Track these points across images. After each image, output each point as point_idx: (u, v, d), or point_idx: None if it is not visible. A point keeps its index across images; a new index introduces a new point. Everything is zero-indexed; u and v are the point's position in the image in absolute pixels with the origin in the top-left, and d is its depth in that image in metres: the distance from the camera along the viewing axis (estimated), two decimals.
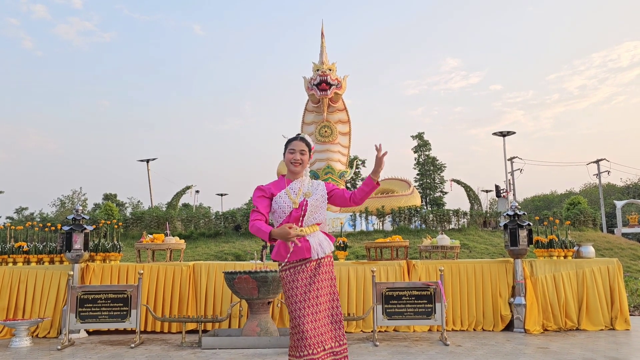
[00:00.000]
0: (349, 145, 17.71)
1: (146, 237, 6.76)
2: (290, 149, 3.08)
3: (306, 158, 3.08)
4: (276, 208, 3.00)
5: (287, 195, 3.01)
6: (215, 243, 14.48)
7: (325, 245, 3.01)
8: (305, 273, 2.91)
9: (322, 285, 2.95)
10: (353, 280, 6.24)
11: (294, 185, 3.07)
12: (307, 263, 2.93)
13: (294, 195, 3.03)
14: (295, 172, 3.08)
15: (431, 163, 42.21)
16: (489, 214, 17.56)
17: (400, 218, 16.10)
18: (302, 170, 3.10)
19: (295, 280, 2.91)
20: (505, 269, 6.31)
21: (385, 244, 6.81)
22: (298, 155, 3.05)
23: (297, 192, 3.04)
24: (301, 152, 3.07)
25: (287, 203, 2.98)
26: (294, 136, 3.14)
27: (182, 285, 6.27)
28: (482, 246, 13.58)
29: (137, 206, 46.81)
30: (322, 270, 2.97)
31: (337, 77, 16.84)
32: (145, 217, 16.62)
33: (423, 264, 6.33)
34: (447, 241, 6.81)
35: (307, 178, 3.16)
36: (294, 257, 2.92)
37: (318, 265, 2.95)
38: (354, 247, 12.98)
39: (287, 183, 3.09)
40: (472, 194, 22.11)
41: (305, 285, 2.91)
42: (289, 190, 3.04)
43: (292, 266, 2.94)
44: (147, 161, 30.03)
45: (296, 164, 3.05)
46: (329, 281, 2.99)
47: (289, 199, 3.00)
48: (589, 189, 44.51)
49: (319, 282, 2.93)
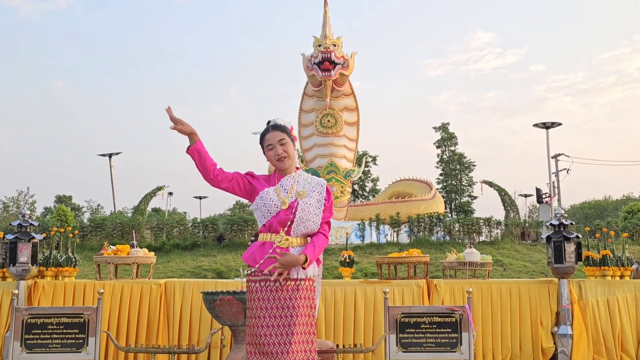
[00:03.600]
0: (357, 138, 17.71)
1: (108, 249, 6.75)
2: (267, 145, 3.09)
3: (289, 147, 3.09)
4: (260, 205, 3.02)
5: (275, 193, 3.03)
6: (192, 257, 14.47)
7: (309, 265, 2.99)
8: (279, 293, 2.92)
9: (299, 312, 2.92)
10: (361, 303, 6.24)
11: (285, 182, 3.09)
12: (284, 281, 2.93)
13: (285, 193, 3.04)
14: (284, 168, 3.11)
15: (457, 161, 42.26)
16: (528, 223, 17.53)
17: (419, 228, 16.09)
18: (292, 162, 3.12)
19: (266, 299, 2.92)
20: (548, 291, 6.30)
21: (401, 260, 6.81)
22: (279, 149, 3.06)
23: (289, 190, 3.05)
24: (280, 142, 3.07)
25: (274, 202, 3.00)
26: (265, 128, 3.15)
27: (152, 308, 6.26)
28: (520, 263, 13.57)
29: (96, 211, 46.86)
30: (301, 295, 2.95)
31: (343, 55, 16.83)
32: (107, 224, 16.62)
33: (447, 284, 6.33)
34: (476, 256, 6.80)
35: (303, 173, 3.16)
36: (268, 266, 2.93)
37: (297, 287, 2.95)
38: (362, 262, 12.98)
39: (277, 179, 3.11)
40: (507, 198, 22.12)
41: (277, 308, 2.91)
42: (280, 188, 3.06)
43: (265, 279, 2.94)
44: (110, 156, 30.04)
45: (282, 159, 3.06)
46: (307, 310, 2.98)
47: (277, 197, 3.01)
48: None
49: (295, 308, 2.91)
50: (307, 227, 3.02)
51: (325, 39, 16.96)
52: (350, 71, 17.12)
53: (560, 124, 25.19)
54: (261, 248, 3.00)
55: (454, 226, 16.15)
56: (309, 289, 3.01)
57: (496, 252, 14.37)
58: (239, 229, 15.49)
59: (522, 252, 14.84)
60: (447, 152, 42.91)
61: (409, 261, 6.77)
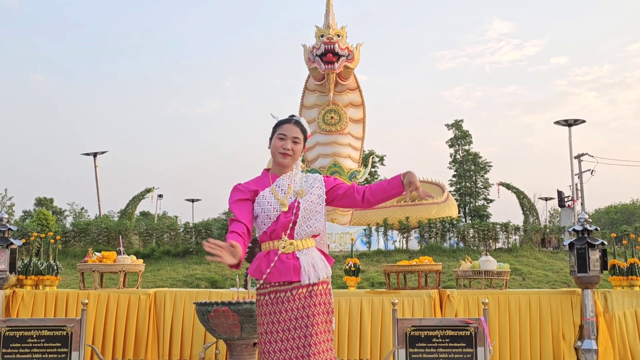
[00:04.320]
0: (363, 136, 17.74)
1: (92, 256, 6.76)
2: (280, 133, 3.09)
3: (299, 148, 3.10)
4: (259, 211, 3.01)
5: (272, 195, 3.02)
6: (183, 264, 14.48)
7: (319, 267, 2.99)
8: (291, 303, 2.90)
9: (315, 321, 2.89)
10: (367, 315, 6.23)
11: (281, 182, 3.08)
12: (295, 289, 2.92)
13: (282, 194, 3.03)
14: (284, 165, 3.10)
15: (472, 161, 42.27)
16: (549, 229, 17.51)
17: (430, 233, 16.08)
18: (293, 163, 3.12)
19: (277, 312, 2.90)
20: (571, 302, 6.30)
21: (411, 268, 6.80)
22: (289, 144, 3.07)
23: (286, 191, 3.05)
24: (294, 139, 3.08)
25: (273, 205, 3.00)
26: (287, 117, 3.16)
27: (140, 320, 6.26)
28: (540, 272, 13.55)
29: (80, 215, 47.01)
30: (316, 301, 2.93)
31: (347, 46, 16.85)
32: (91, 229, 16.64)
33: (461, 294, 6.33)
34: (492, 265, 6.79)
35: (299, 172, 3.16)
36: (276, 277, 2.92)
37: (309, 294, 2.93)
38: (368, 271, 12.97)
39: (272, 179, 3.10)
40: (526, 202, 22.10)
41: (290, 320, 2.89)
42: (275, 188, 3.05)
43: (274, 290, 2.94)
44: (94, 155, 30.09)
45: (285, 155, 3.07)
46: (324, 316, 2.95)
47: (275, 199, 3.01)
48: None
49: (309, 317, 2.88)
50: (311, 225, 3.02)
51: (329, 29, 16.98)
52: (356, 64, 17.13)
53: (584, 122, 25.18)
54: (266, 258, 2.98)
55: (468, 232, 16.13)
56: (325, 293, 2.98)
57: (514, 260, 14.35)
58: None
59: (542, 260, 14.82)
60: (461, 151, 42.91)
61: (420, 270, 6.75)
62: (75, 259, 14.70)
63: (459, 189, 41.95)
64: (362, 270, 8.59)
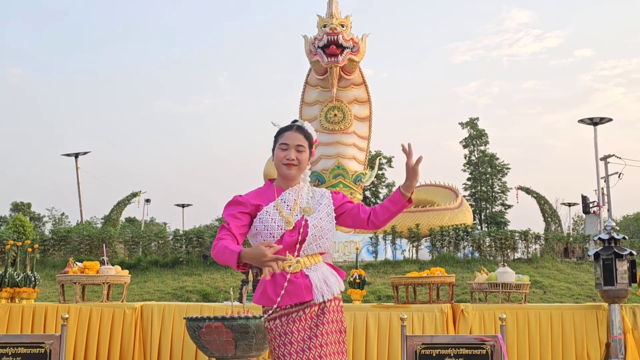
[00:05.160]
0: (369, 136, 17.76)
1: (73, 266, 6.77)
2: (282, 143, 3.09)
3: (305, 157, 3.10)
4: (261, 228, 3.01)
5: (277, 211, 3.03)
6: (173, 275, 14.51)
7: (332, 282, 3.02)
8: (302, 322, 2.94)
9: (328, 340, 2.95)
10: (373, 332, 6.24)
11: (287, 196, 3.09)
12: (306, 308, 2.95)
13: (288, 211, 3.04)
14: (289, 177, 3.11)
15: (488, 163, 42.26)
16: (573, 237, 17.52)
17: (442, 242, 16.10)
18: (299, 174, 3.13)
19: (288, 332, 2.93)
20: (596, 318, 6.29)
21: (421, 280, 6.81)
22: (293, 153, 3.07)
23: (292, 207, 3.06)
24: (298, 148, 3.08)
25: (277, 222, 3.00)
26: (288, 124, 3.16)
27: (125, 336, 6.27)
28: (562, 284, 13.56)
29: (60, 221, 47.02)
30: (328, 319, 2.97)
31: (352, 37, 16.90)
32: (72, 236, 16.68)
33: (476, 309, 6.34)
34: (511, 277, 6.79)
35: (307, 185, 3.17)
36: (288, 300, 2.94)
37: (322, 311, 2.97)
38: (374, 283, 12.98)
39: (277, 192, 3.11)
40: (547, 208, 22.11)
41: (303, 340, 2.92)
42: (281, 203, 3.06)
43: (285, 313, 2.96)
44: (76, 156, 30.19)
45: (290, 166, 3.07)
46: (337, 335, 3.00)
47: (280, 216, 3.01)
48: None
49: (323, 336, 2.93)
50: (320, 245, 3.04)
51: (332, 19, 17.01)
52: (361, 56, 17.17)
53: (611, 120, 25.19)
54: (272, 282, 2.97)
55: (484, 240, 16.15)
56: (337, 310, 3.02)
57: (534, 271, 14.36)
58: None
59: (565, 271, 14.81)
60: (476, 152, 42.89)
61: (431, 282, 6.76)
62: (54, 269, 14.72)
63: (474, 193, 41.90)
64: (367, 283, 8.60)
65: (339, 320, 3.03)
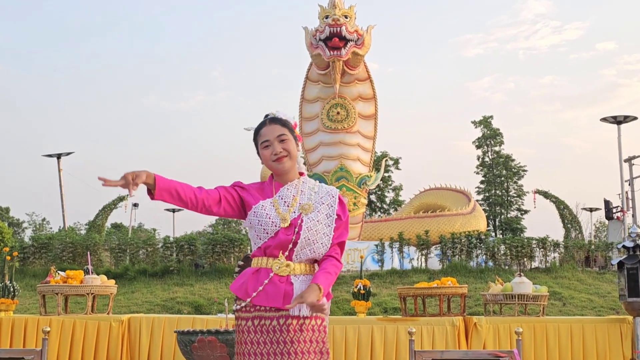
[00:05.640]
0: (375, 136, 17.73)
1: (55, 276, 6.77)
2: (263, 141, 3.11)
3: (292, 145, 3.11)
4: (255, 222, 3.04)
5: (273, 207, 3.03)
6: (162, 286, 14.49)
7: None
8: (277, 335, 2.92)
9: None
10: (379, 347, 6.23)
11: (285, 193, 3.10)
12: (283, 319, 2.93)
13: (285, 207, 3.05)
14: (284, 171, 3.12)
15: (503, 165, 42.35)
16: (595, 245, 17.46)
17: (453, 250, 16.05)
18: (293, 164, 3.13)
19: (261, 342, 2.92)
20: (620, 332, 6.28)
21: (431, 291, 6.81)
22: (278, 146, 3.07)
23: (290, 203, 3.06)
24: (280, 138, 3.09)
25: (272, 218, 3.01)
26: (261, 121, 3.19)
27: (111, 351, 6.27)
28: (583, 296, 13.51)
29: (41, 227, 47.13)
30: (307, 337, 2.95)
31: (356, 29, 16.89)
32: (54, 243, 16.67)
33: (490, 322, 6.34)
34: (527, 287, 6.79)
35: (308, 180, 3.18)
36: (263, 301, 2.94)
37: (300, 328, 2.94)
38: (380, 294, 12.95)
39: (275, 189, 3.12)
40: (567, 213, 22.08)
41: (274, 354, 2.91)
42: (278, 199, 3.07)
43: (259, 316, 2.95)
44: (58, 157, 30.19)
45: (280, 159, 3.07)
46: (317, 356, 2.97)
47: (275, 212, 3.02)
48: None
49: (297, 355, 2.90)
50: (314, 250, 3.02)
51: (334, 9, 17.00)
52: (366, 50, 17.16)
53: (636, 119, 25.13)
54: (255, 276, 2.99)
55: (498, 248, 16.12)
56: (319, 330, 2.99)
57: (553, 282, 14.32)
58: (223, 250, 15.50)
59: (586, 282, 14.77)
60: (490, 153, 42.99)
61: (441, 293, 6.76)
62: (35, 279, 14.71)
63: (487, 197, 41.99)
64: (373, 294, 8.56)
65: (321, 341, 3.00)
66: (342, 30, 16.44)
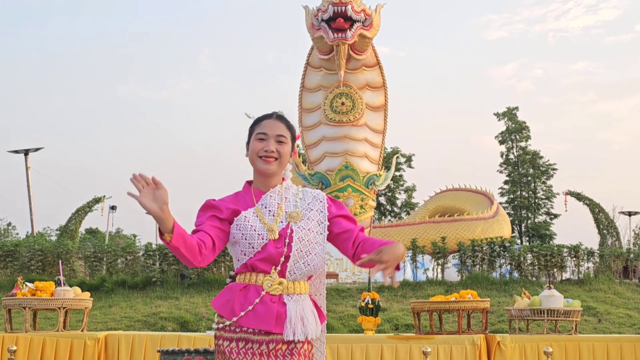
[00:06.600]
0: (385, 129, 17.73)
1: (22, 287, 6.78)
2: (260, 132, 3.12)
3: (286, 150, 3.13)
4: (239, 237, 3.03)
5: (257, 217, 3.04)
6: (144, 299, 14.51)
7: (309, 322, 3.02)
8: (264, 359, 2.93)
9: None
10: None
11: (268, 200, 3.11)
12: (272, 343, 2.95)
13: (270, 217, 3.05)
14: (267, 174, 3.12)
15: (530, 162, 42.35)
16: (634, 253, 17.47)
17: (474, 259, 16.07)
18: (280, 170, 3.15)
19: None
20: None
21: (448, 306, 6.83)
22: (272, 145, 3.09)
23: (276, 212, 3.07)
24: (278, 138, 3.11)
25: (257, 230, 3.02)
26: (266, 114, 3.20)
27: None
28: (621, 311, 13.53)
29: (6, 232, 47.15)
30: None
31: (363, 8, 16.88)
32: (21, 251, 16.70)
33: (515, 341, 6.36)
34: (558, 301, 6.80)
35: (290, 185, 3.19)
36: (253, 323, 2.95)
37: (290, 352, 2.98)
38: (391, 309, 12.97)
39: (255, 197, 3.12)
40: (603, 218, 22.07)
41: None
42: (261, 208, 3.07)
43: (244, 338, 2.96)
44: (26, 153, 30.29)
45: (268, 159, 3.09)
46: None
47: (260, 223, 3.03)
48: None
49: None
50: (308, 262, 3.03)
51: None
52: (375, 32, 17.16)
53: None
54: (243, 293, 2.99)
55: (525, 257, 16.13)
56: (307, 356, 3.03)
57: (587, 295, 14.33)
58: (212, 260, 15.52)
59: (624, 295, 14.78)
60: (516, 149, 43.00)
61: (460, 308, 6.77)
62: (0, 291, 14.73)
63: (512, 199, 41.97)
64: (383, 309, 8.57)
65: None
66: (347, 9, 16.42)
